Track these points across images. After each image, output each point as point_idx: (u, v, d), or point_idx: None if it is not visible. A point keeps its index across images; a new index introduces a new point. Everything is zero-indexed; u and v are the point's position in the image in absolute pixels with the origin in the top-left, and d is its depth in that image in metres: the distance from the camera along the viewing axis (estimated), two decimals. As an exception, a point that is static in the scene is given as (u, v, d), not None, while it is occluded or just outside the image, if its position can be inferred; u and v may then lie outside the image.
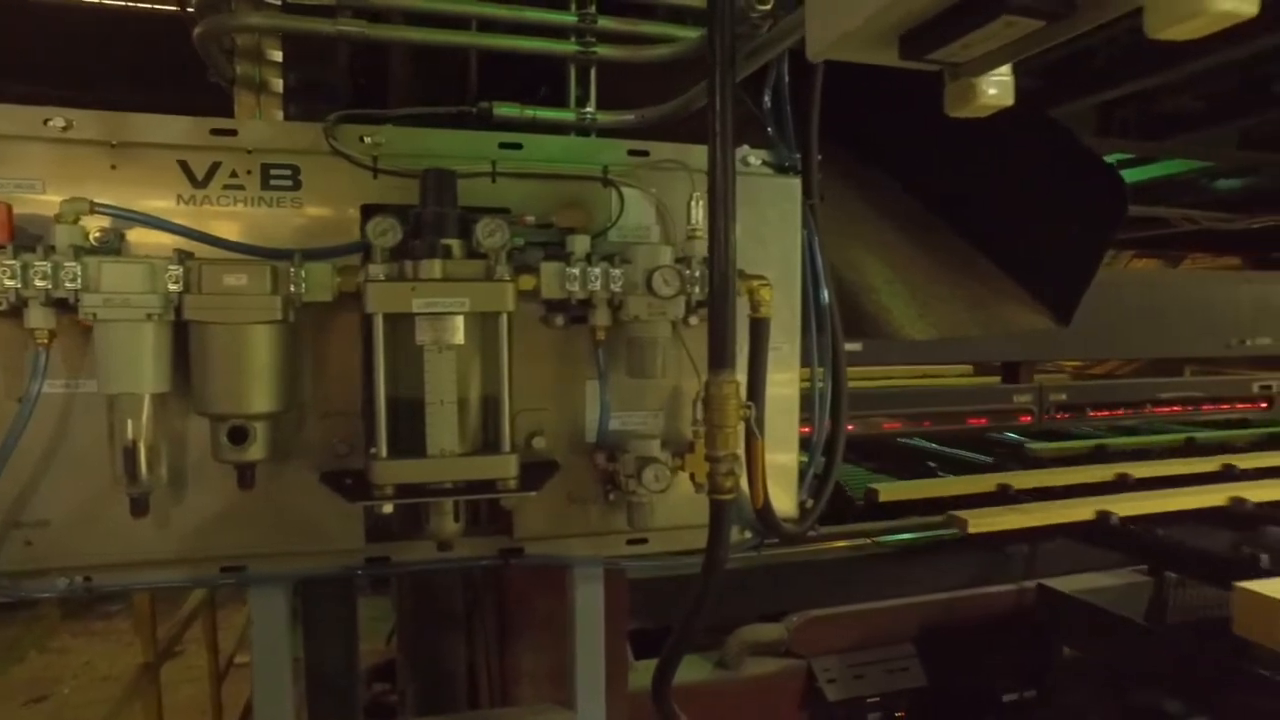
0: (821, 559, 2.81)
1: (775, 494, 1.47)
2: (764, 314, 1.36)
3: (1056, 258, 2.02)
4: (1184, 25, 0.65)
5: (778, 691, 2.61)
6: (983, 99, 0.85)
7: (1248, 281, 3.89)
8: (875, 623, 2.70)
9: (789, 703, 2.63)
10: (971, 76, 0.85)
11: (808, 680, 2.61)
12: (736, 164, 1.49)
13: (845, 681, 2.63)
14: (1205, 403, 3.25)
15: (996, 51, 0.79)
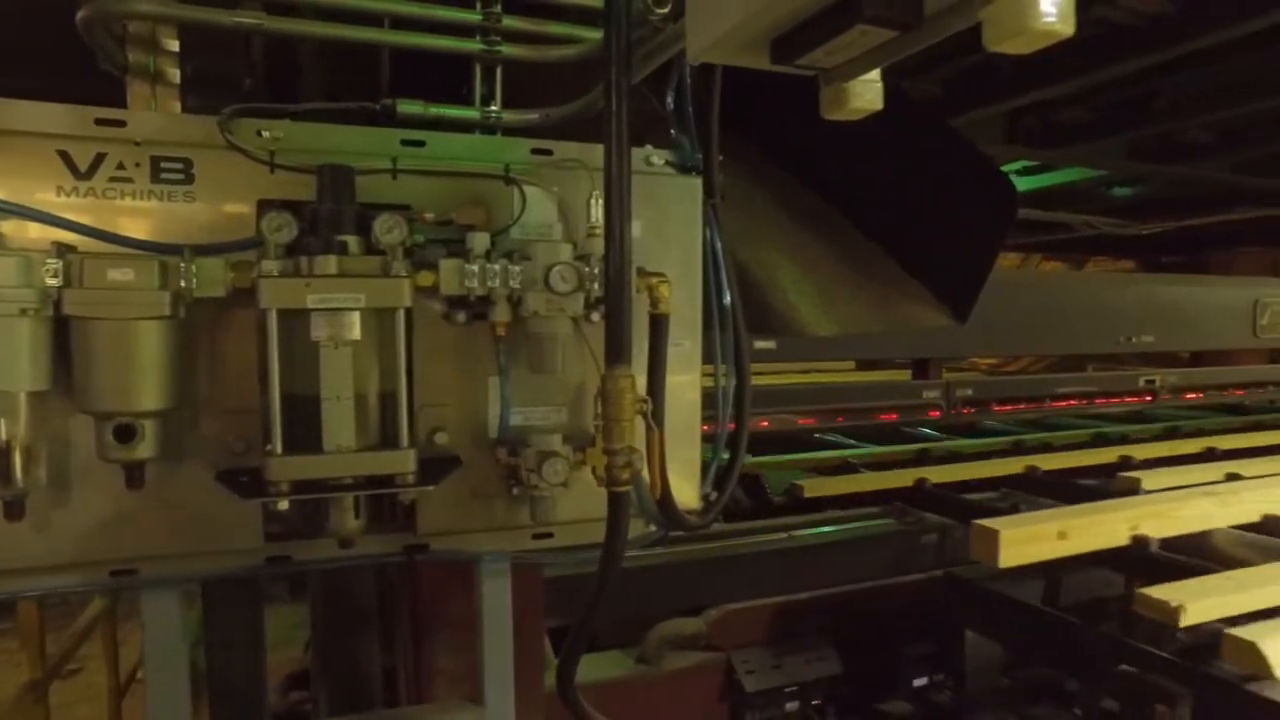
0: (740, 553, 2.87)
1: (678, 487, 1.51)
2: (663, 310, 1.40)
3: (954, 258, 2.12)
4: (1013, 40, 0.70)
5: (697, 684, 2.65)
6: (854, 103, 0.90)
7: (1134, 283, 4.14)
8: (792, 614, 2.77)
9: (709, 695, 2.67)
10: (842, 81, 0.90)
11: (727, 672, 2.67)
12: (639, 163, 1.54)
13: (763, 672, 2.69)
14: (1099, 397, 3.44)
15: (861, 58, 0.84)
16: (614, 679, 2.55)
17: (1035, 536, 2.35)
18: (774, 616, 2.78)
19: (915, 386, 3.02)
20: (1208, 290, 3.65)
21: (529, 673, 1.89)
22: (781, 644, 2.79)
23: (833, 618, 2.84)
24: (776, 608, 2.78)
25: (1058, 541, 2.36)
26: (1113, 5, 3.13)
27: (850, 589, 2.88)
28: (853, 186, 2.35)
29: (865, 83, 0.90)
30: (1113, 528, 2.46)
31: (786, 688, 2.73)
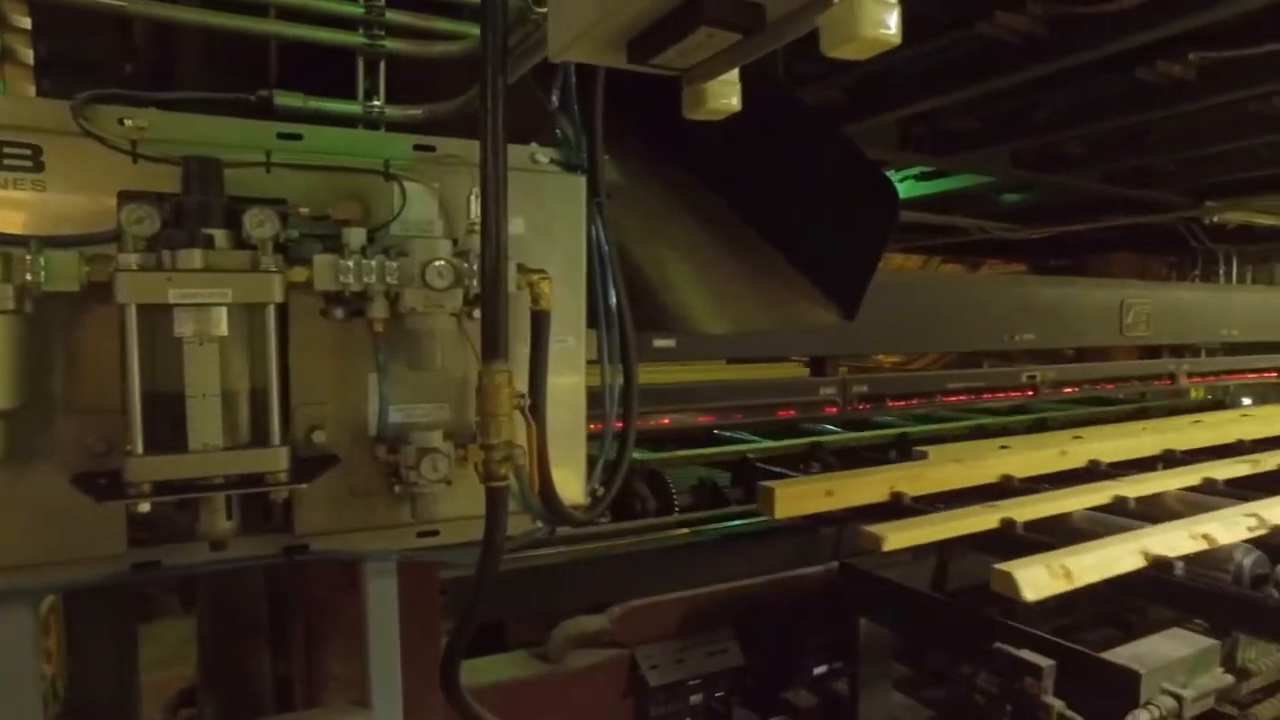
0: (643, 550, 2.90)
1: (565, 483, 1.52)
2: (544, 307, 1.41)
3: (842, 258, 2.20)
4: (846, 46, 0.74)
5: (602, 681, 2.67)
6: (712, 103, 0.93)
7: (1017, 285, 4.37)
8: (695, 609, 2.82)
9: (613, 692, 2.69)
10: (701, 82, 0.93)
11: (631, 668, 2.69)
12: (524, 161, 1.54)
13: (667, 667, 2.72)
14: (986, 392, 3.62)
15: (713, 59, 0.87)
16: (519, 679, 2.54)
17: (806, 494, 2.75)
18: (677, 612, 2.82)
19: (812, 383, 3.11)
20: (1081, 292, 3.89)
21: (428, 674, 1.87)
22: (684, 638, 2.83)
23: (735, 611, 2.89)
24: (679, 603, 2.82)
25: (825, 498, 2.76)
26: (991, 23, 3.31)
27: (751, 582, 2.94)
28: (749, 187, 2.41)
29: (723, 83, 0.93)
30: (874, 487, 2.86)
31: (690, 681, 2.77)
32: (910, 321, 3.28)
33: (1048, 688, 2.05)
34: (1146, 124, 4.82)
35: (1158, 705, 1.92)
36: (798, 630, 2.97)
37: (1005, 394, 3.71)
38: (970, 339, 3.64)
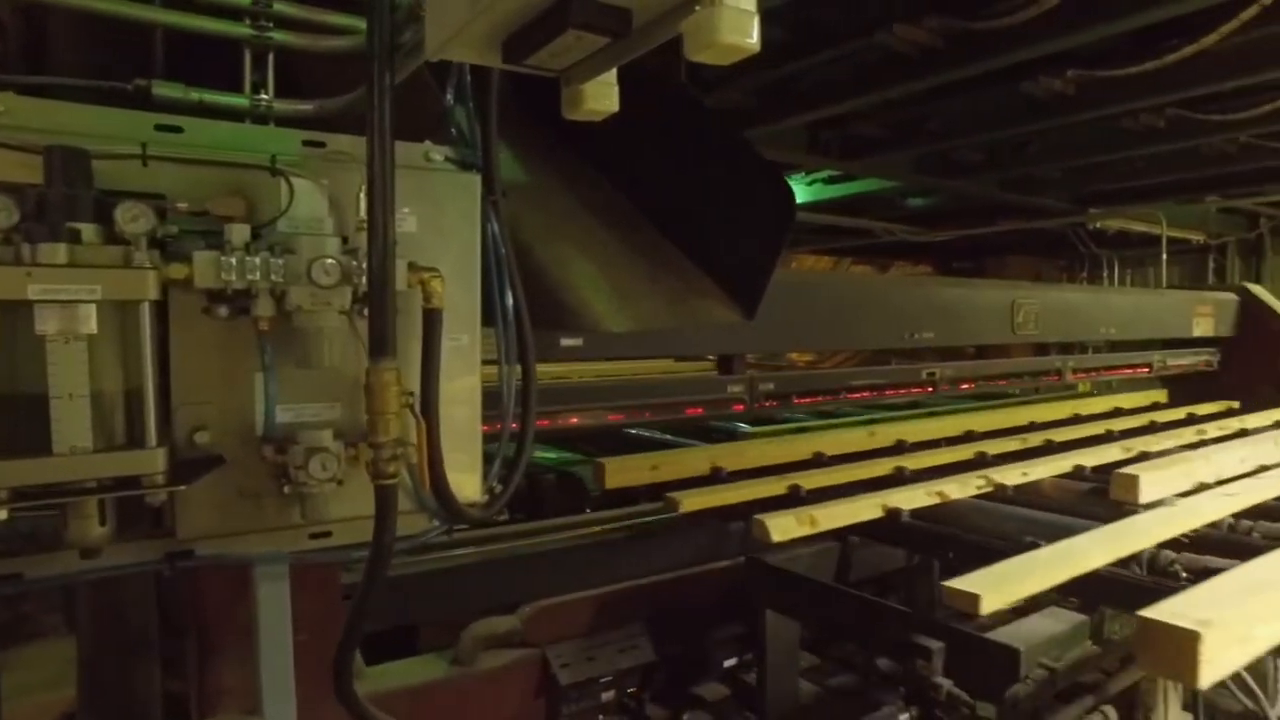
0: (554, 549, 2.90)
1: (461, 481, 1.52)
2: (436, 305, 1.40)
3: (742, 258, 2.26)
4: (707, 52, 0.77)
5: (513, 682, 2.65)
6: (589, 104, 0.95)
7: (916, 285, 4.55)
8: (606, 606, 2.83)
9: (525, 692, 2.68)
10: (579, 83, 0.95)
11: (542, 668, 2.68)
12: (417, 159, 1.53)
13: (578, 665, 2.72)
14: (888, 388, 3.76)
15: (586, 62, 0.89)
16: (429, 682, 2.50)
17: (632, 467, 2.98)
18: (588, 610, 2.82)
19: (720, 382, 3.16)
20: (975, 292, 4.06)
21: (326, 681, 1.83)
22: (596, 636, 2.84)
23: (646, 607, 2.91)
24: (590, 601, 2.83)
25: (650, 471, 3.01)
26: (890, 34, 3.45)
27: (662, 579, 2.97)
28: (653, 187, 2.44)
29: (601, 85, 0.95)
30: (694, 463, 3.12)
31: (601, 678, 2.78)
32: (814, 320, 3.37)
33: (937, 668, 2.15)
34: (1033, 134, 5.11)
35: (1034, 678, 2.04)
36: (708, 624, 3.02)
37: (906, 390, 3.85)
38: (872, 337, 3.76)
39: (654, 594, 2.92)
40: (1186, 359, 5.55)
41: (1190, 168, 5.63)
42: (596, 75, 0.93)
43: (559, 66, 0.90)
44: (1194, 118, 4.51)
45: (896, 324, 3.68)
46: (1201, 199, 6.71)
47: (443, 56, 0.93)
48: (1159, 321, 5.30)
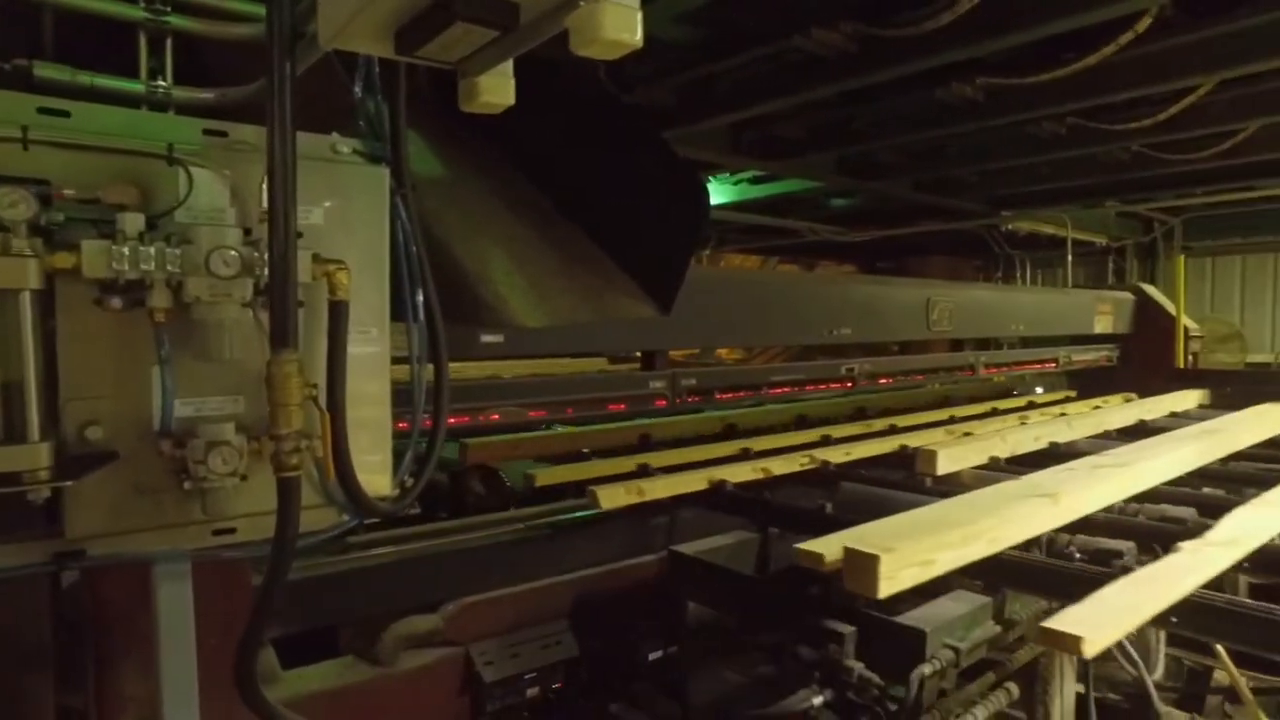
0: (476, 546, 2.88)
1: (371, 474, 1.51)
2: (341, 297, 1.39)
3: (658, 254, 2.29)
4: (591, 47, 0.79)
5: (435, 681, 2.63)
6: (484, 96, 0.96)
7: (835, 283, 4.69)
8: (529, 602, 2.82)
9: (448, 691, 2.66)
10: (474, 75, 0.96)
11: (466, 666, 2.66)
12: (324, 151, 1.52)
13: (502, 662, 2.71)
14: (808, 383, 3.85)
15: (478, 54, 0.90)
16: (348, 685, 2.46)
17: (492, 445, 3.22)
18: (511, 606, 2.81)
19: (642, 377, 3.20)
20: (892, 290, 4.20)
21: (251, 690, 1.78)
22: (520, 632, 2.83)
23: (570, 602, 2.92)
24: (513, 597, 2.82)
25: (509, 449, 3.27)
26: (808, 37, 3.54)
27: (586, 573, 2.98)
28: (571, 183, 2.46)
29: (496, 77, 0.96)
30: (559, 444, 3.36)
31: (526, 674, 2.78)
32: (734, 316, 3.43)
33: (849, 651, 2.22)
34: (948, 138, 5.31)
35: (939, 658, 2.13)
36: (632, 618, 3.05)
37: (826, 385, 3.96)
38: (791, 333, 3.85)
39: (578, 589, 2.93)
40: (1089, 354, 5.86)
41: (1090, 173, 5.93)
42: (491, 68, 0.94)
43: (452, 58, 0.91)
44: (1092, 126, 4.75)
45: (816, 320, 3.78)
46: (1101, 203, 7.07)
47: (336, 46, 0.93)
48: (1064, 319, 5.57)
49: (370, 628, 2.64)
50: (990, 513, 2.18)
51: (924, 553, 1.88)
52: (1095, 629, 1.62)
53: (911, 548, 1.85)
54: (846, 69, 3.69)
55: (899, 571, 1.78)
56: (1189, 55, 3.75)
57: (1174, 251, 8.76)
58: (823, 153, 5.20)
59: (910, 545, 1.86)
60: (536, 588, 2.86)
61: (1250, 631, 1.83)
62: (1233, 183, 6.41)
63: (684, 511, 3.22)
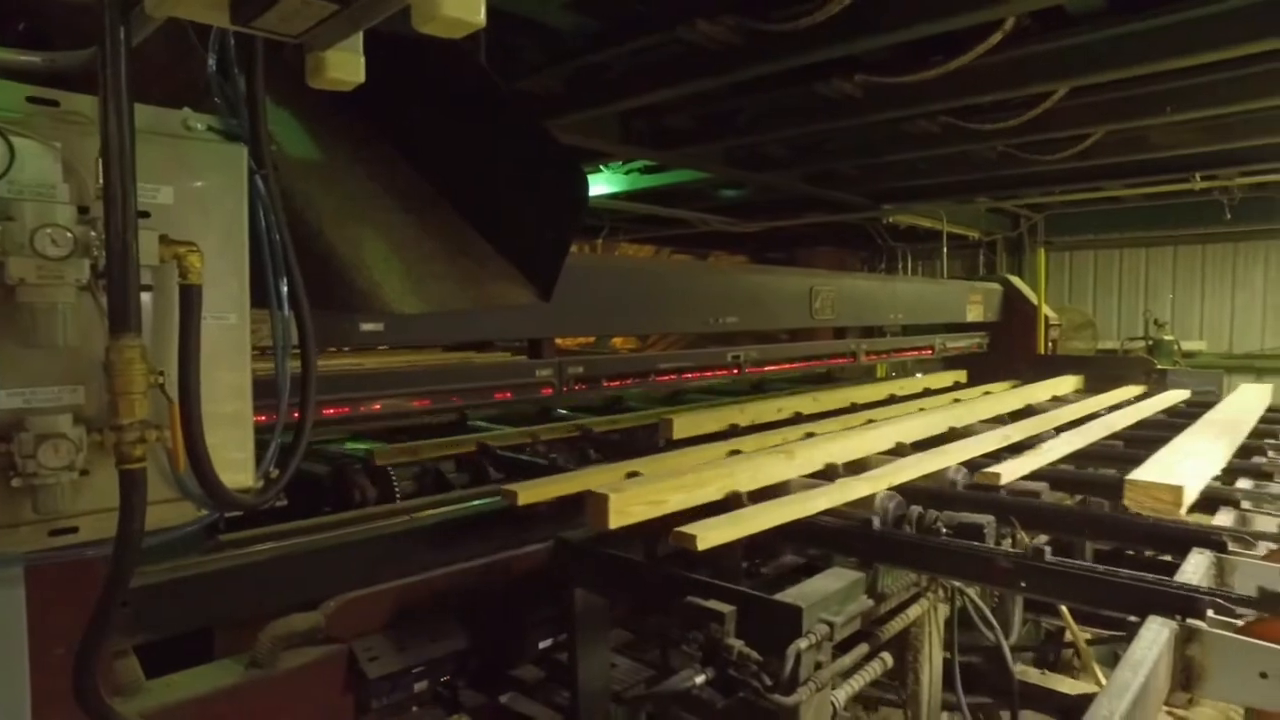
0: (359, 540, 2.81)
1: (231, 466, 1.44)
2: (193, 281, 1.32)
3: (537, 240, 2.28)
4: (431, 25, 0.78)
5: (318, 680, 2.54)
6: (331, 72, 0.93)
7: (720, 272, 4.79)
8: (416, 595, 2.77)
9: (330, 689, 2.58)
10: (320, 50, 0.93)
11: (349, 663, 2.59)
12: (175, 126, 1.43)
13: (388, 657, 2.65)
14: (695, 371, 3.92)
15: (321, 27, 0.87)
16: (222, 689, 2.35)
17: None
18: (397, 600, 2.75)
19: (529, 365, 3.18)
20: (776, 279, 4.32)
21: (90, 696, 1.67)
22: (406, 626, 2.78)
23: (458, 594, 2.88)
24: (399, 591, 2.76)
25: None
26: (692, 29, 3.59)
27: (474, 564, 2.95)
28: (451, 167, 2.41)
29: (344, 54, 0.93)
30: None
31: (413, 669, 2.73)
32: (619, 304, 3.45)
33: (730, 630, 2.27)
34: (831, 133, 5.50)
35: (815, 632, 2.21)
36: (522, 607, 3.04)
37: (713, 373, 4.03)
38: (676, 321, 3.90)
39: (466, 580, 2.89)
40: (963, 341, 6.20)
41: (962, 171, 6.27)
42: (337, 42, 0.91)
43: (294, 31, 0.88)
44: (962, 126, 5.02)
45: (701, 309, 3.83)
46: (973, 199, 7.49)
47: (165, 14, 0.88)
48: (939, 307, 5.87)
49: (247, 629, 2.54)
50: (730, 465, 2.64)
51: (652, 494, 2.31)
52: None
53: (642, 490, 2.27)
54: (730, 61, 3.77)
55: (628, 508, 2.21)
56: (1043, 64, 4.03)
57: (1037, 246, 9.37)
58: (711, 144, 5.29)
59: (642, 488, 2.29)
60: (423, 580, 2.80)
61: (1086, 591, 1.99)
62: (1084, 183, 6.92)
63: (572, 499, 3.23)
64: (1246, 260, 10.35)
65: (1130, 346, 10.20)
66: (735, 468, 2.61)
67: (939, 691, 2.98)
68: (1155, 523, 2.51)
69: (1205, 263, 10.59)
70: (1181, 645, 1.72)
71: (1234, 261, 10.43)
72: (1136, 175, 6.59)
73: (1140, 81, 4.38)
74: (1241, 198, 8.69)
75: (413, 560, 2.83)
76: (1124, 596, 1.88)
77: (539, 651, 3.11)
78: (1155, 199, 9.29)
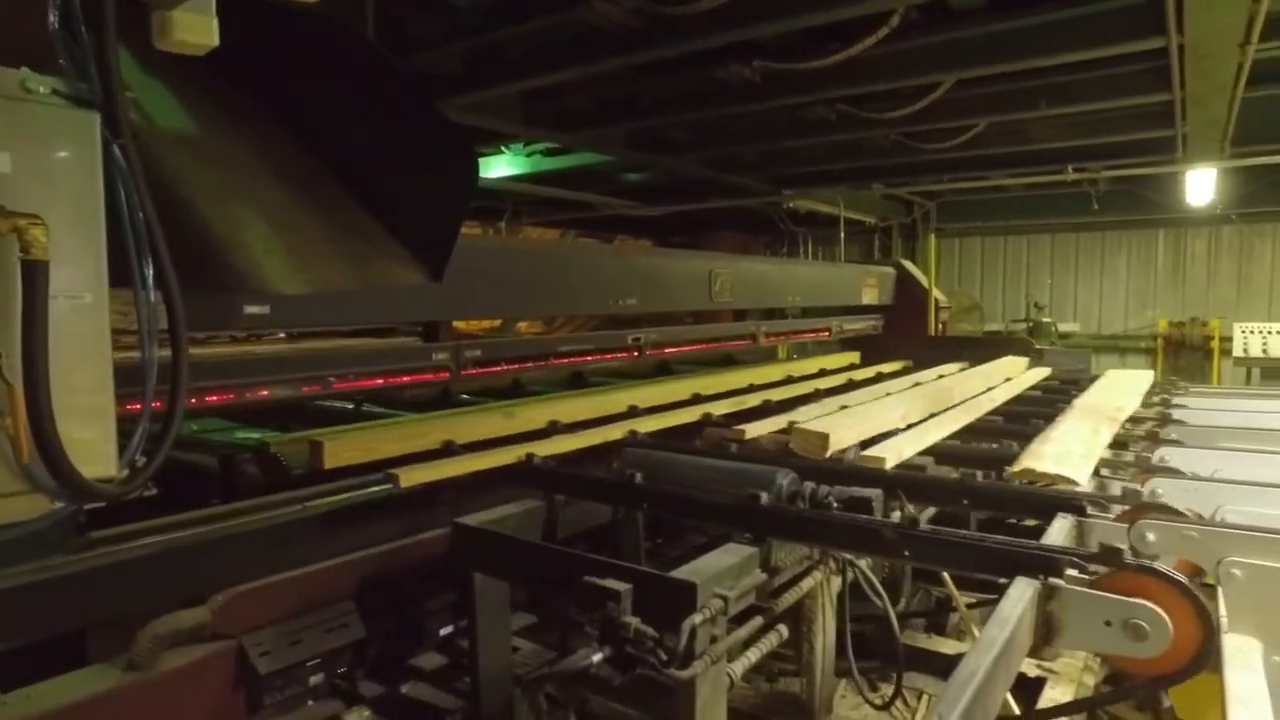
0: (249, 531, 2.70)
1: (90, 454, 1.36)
2: (37, 256, 1.23)
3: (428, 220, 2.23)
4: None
5: (203, 680, 2.43)
6: (178, 34, 0.88)
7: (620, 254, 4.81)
8: (311, 586, 2.68)
9: (218, 688, 2.47)
10: (166, 8, 0.87)
11: (239, 659, 2.49)
12: (12, 88, 1.33)
13: (280, 651, 2.56)
14: (595, 354, 3.92)
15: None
16: (97, 695, 2.21)
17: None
18: (291, 592, 2.66)
19: (424, 349, 3.11)
20: (676, 262, 4.37)
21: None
22: (300, 619, 2.69)
23: (355, 583, 2.81)
24: (293, 582, 2.67)
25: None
26: (590, 9, 3.56)
27: (372, 552, 2.88)
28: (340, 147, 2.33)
29: (192, 15, 0.89)
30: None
31: (308, 662, 2.65)
32: (517, 286, 3.41)
33: (626, 608, 2.30)
34: (731, 118, 5.57)
35: (709, 607, 2.26)
36: (421, 594, 2.99)
37: (613, 355, 4.04)
38: (575, 304, 3.89)
39: (363, 569, 2.83)
40: (859, 323, 6.43)
41: (858, 158, 6.47)
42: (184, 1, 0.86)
43: (137, -14, 0.83)
44: (857, 114, 5.17)
45: (601, 292, 3.84)
46: (868, 186, 7.75)
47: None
48: (836, 290, 6.07)
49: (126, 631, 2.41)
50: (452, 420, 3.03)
51: (367, 443, 2.75)
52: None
53: (355, 439, 2.74)
54: (629, 43, 3.76)
55: (341, 453, 2.67)
56: (930, 56, 4.20)
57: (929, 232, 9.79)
58: (613, 126, 5.28)
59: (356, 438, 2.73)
60: (317, 570, 2.72)
61: (962, 557, 2.10)
62: (971, 172, 7.26)
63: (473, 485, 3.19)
64: (1113, 248, 11.15)
65: (1013, 328, 10.82)
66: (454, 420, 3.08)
67: (833, 659, 3.10)
68: (1025, 491, 2.68)
69: (1079, 250, 11.32)
70: (1044, 602, 1.84)
71: (1102, 249, 11.20)
72: (1017, 166, 6.96)
73: (1018, 77, 4.61)
74: (1106, 190, 9.33)
75: (307, 550, 2.74)
76: (995, 560, 1.99)
77: (440, 638, 3.08)
78: (1035, 189, 9.87)
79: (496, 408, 3.42)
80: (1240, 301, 10.36)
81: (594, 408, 3.65)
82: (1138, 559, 1.86)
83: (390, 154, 2.26)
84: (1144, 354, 11.03)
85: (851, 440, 3.16)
